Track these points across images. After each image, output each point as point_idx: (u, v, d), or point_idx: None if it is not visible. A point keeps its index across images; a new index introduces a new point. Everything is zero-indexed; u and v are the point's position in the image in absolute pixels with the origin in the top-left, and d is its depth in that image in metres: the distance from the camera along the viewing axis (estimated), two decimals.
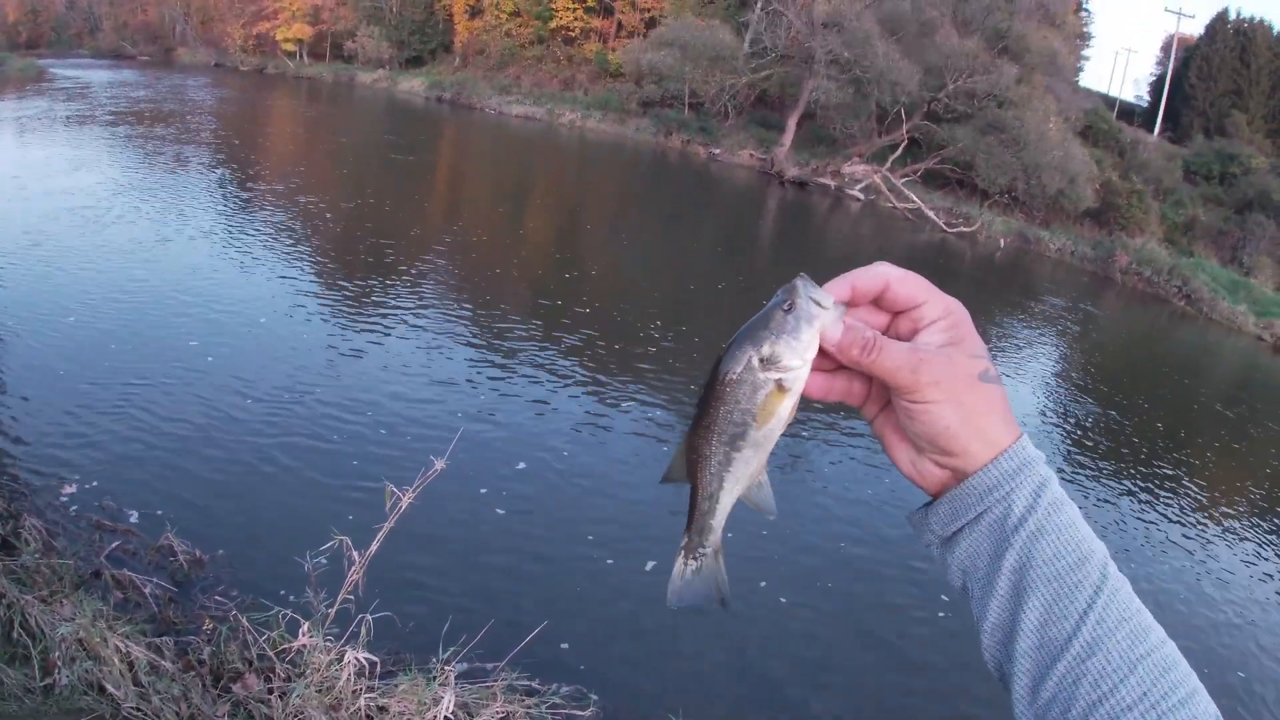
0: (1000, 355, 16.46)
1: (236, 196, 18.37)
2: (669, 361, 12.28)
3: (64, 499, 6.92)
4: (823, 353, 0.91)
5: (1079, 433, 13.36)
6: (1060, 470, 11.43)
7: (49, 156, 19.67)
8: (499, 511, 7.65)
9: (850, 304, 0.92)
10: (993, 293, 22.29)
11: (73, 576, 5.84)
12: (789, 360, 0.89)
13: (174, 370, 9.51)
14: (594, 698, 5.34)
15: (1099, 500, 10.68)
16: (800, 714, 5.94)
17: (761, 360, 0.89)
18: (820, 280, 0.92)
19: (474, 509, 7.62)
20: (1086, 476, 11.41)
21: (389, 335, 11.53)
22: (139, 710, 4.72)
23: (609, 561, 7.09)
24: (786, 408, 0.91)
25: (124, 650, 4.89)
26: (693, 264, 19.35)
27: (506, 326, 12.76)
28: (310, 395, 9.34)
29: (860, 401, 0.97)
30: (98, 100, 28.29)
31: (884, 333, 0.93)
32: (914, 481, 0.95)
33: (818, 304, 0.89)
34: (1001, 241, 31.11)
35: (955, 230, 30.41)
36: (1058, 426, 13.51)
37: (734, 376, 0.90)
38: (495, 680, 5.02)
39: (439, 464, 4.59)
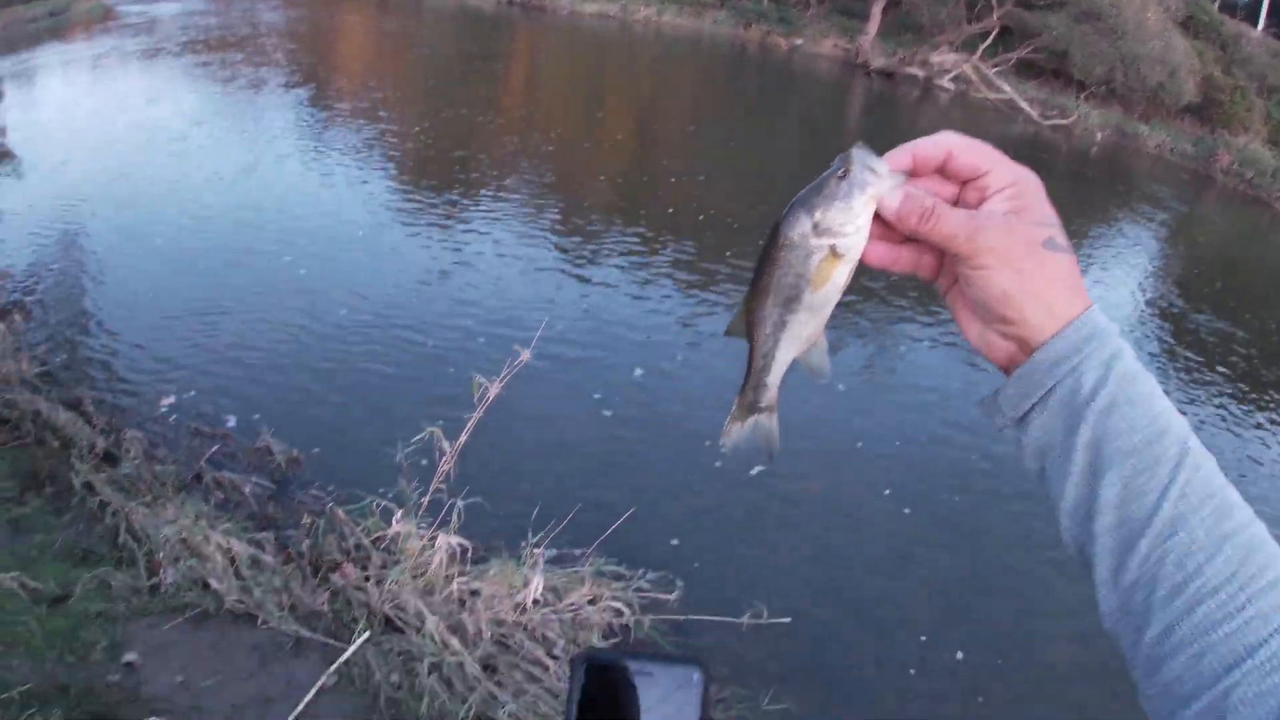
0: (1095, 252, 15.77)
1: (318, 116, 18.37)
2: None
3: (163, 410, 7.16)
4: (887, 223, 0.91)
5: (1178, 337, 12.65)
6: (1158, 373, 10.77)
7: (126, 91, 19.85)
8: (605, 413, 7.72)
9: (913, 173, 0.91)
10: (1089, 188, 21.34)
11: (174, 481, 6.06)
12: (841, 227, 0.89)
13: (265, 284, 9.70)
14: (679, 584, 5.41)
15: (1200, 406, 10.20)
16: (879, 607, 5.95)
17: (814, 226, 0.90)
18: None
19: (572, 406, 7.72)
20: (1188, 382, 10.90)
21: (481, 242, 11.50)
22: (241, 603, 4.89)
23: (714, 463, 7.03)
24: (841, 275, 0.92)
25: (226, 547, 5.06)
26: (778, 161, 18.88)
27: (598, 231, 12.60)
28: (402, 301, 9.45)
29: (932, 274, 0.96)
30: (168, 32, 28.44)
31: (953, 203, 0.91)
32: (984, 355, 0.93)
33: (873, 171, 0.89)
34: (1098, 135, 29.68)
35: (1050, 123, 29.11)
36: (1155, 329, 12.86)
37: (788, 242, 0.92)
38: (583, 565, 5.10)
39: (524, 354, 4.64)
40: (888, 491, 7.08)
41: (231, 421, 6.98)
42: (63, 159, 13.99)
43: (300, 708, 4.37)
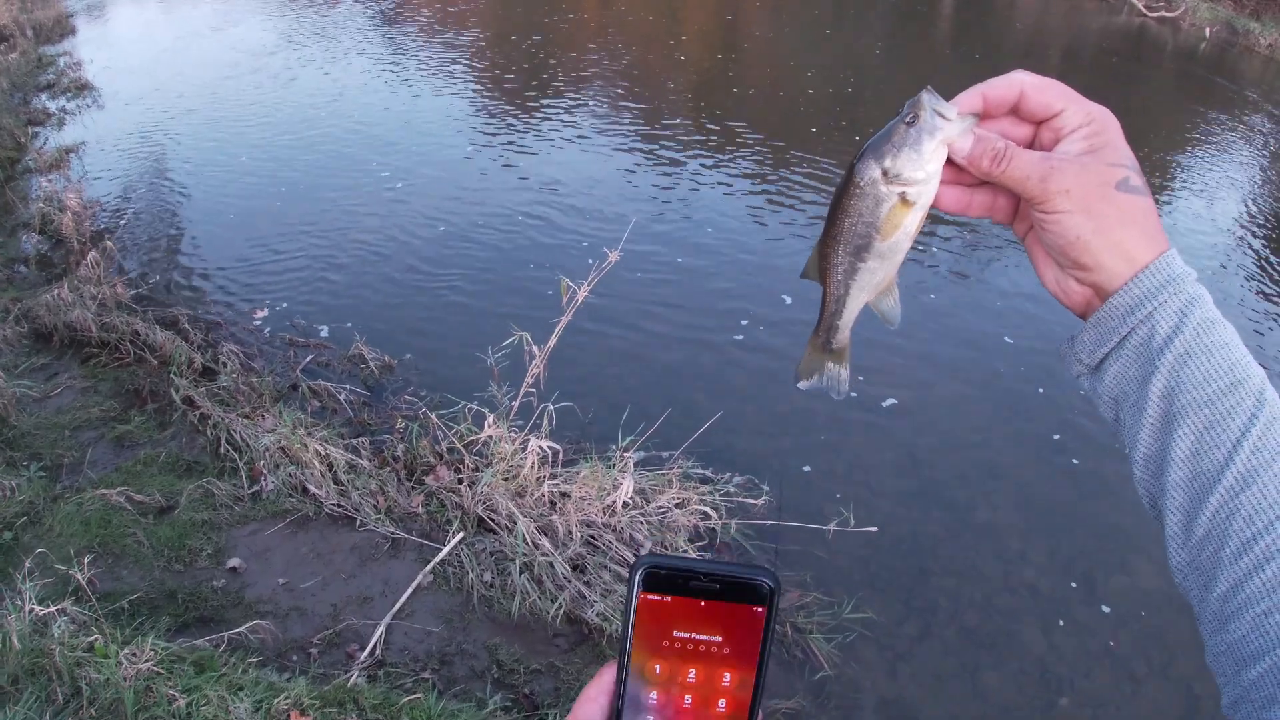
0: (1192, 162, 14.72)
1: (397, 32, 18.12)
2: (820, 153, 11.66)
3: (257, 323, 7.38)
4: (960, 167, 0.90)
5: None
6: (1253, 305, 9.97)
7: (197, 20, 19.50)
8: (677, 309, 7.71)
9: (985, 115, 0.89)
10: (1196, 88, 19.85)
11: (271, 392, 6.24)
12: (911, 173, 0.88)
13: (352, 198, 9.86)
14: (765, 488, 5.40)
15: None
16: (963, 516, 5.85)
17: (884, 173, 0.89)
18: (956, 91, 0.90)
19: (653, 308, 7.70)
20: None
21: (568, 149, 11.49)
22: (339, 506, 5.04)
23: (784, 364, 7.01)
24: (912, 221, 0.91)
25: (323, 453, 5.20)
26: (860, 59, 17.92)
27: (678, 133, 12.29)
28: (492, 211, 9.50)
29: (1007, 219, 0.93)
30: None
31: (1028, 145, 0.89)
32: (1060, 301, 0.91)
33: (941, 116, 0.88)
34: (1207, 31, 28.08)
35: (1156, 14, 27.33)
36: (1253, 252, 11.68)
37: (858, 189, 0.91)
38: (671, 468, 5.14)
39: (613, 255, 4.65)
40: (983, 411, 6.94)
41: (324, 331, 7.18)
42: (141, 89, 14.17)
43: (398, 605, 4.51)
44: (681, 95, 14.72)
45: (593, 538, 4.80)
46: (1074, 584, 5.35)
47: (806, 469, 6.02)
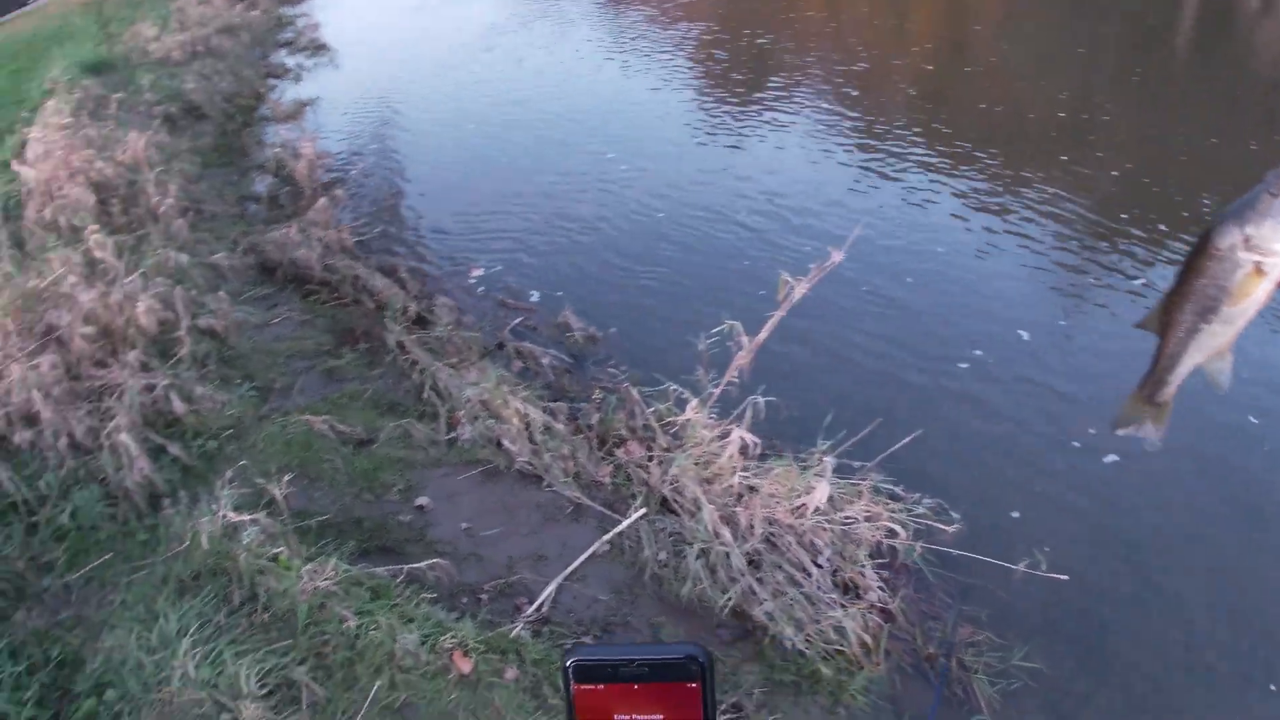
0: None
1: (624, 23, 18.20)
2: (1070, 186, 10.62)
3: (471, 281, 7.69)
4: None
5: None
6: None
7: None
8: (898, 324, 7.50)
9: None
10: None
11: (479, 347, 6.45)
12: (1272, 244, 0.88)
13: (577, 174, 10.13)
14: (955, 516, 5.21)
15: None
16: (1159, 586, 5.43)
17: (1245, 241, 0.89)
18: None
19: (871, 320, 7.52)
20: None
21: (794, 151, 11.34)
22: (530, 465, 5.15)
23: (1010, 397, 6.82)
24: (1263, 290, 0.91)
25: (522, 411, 5.33)
26: (1116, 83, 15.85)
27: (913, 146, 11.81)
28: (710, 204, 9.51)
29: None
30: None
31: None
32: None
33: None
34: None
35: None
36: None
37: (1215, 253, 0.91)
38: (863, 479, 5.03)
39: (836, 255, 4.61)
40: (1211, 488, 6.21)
41: (535, 296, 7.40)
42: (373, 54, 14.85)
43: (571, 568, 4.58)
44: (919, 106, 14.08)
45: (773, 536, 4.74)
46: (1273, 686, 5.00)
47: (1001, 504, 5.75)
